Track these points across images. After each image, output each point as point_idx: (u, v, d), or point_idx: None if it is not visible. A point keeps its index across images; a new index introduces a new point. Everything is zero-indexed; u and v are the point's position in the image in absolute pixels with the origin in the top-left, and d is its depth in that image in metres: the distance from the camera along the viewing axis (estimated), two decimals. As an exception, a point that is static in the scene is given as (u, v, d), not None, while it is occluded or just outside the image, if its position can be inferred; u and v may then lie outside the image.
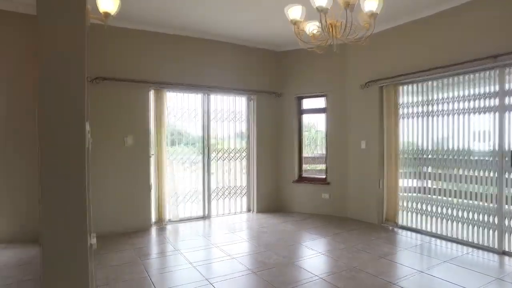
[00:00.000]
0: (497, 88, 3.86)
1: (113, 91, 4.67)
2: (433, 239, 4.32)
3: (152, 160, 5.01)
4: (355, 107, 5.44)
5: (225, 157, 5.77)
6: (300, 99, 6.09)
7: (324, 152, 5.94)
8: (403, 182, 4.88)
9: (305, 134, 6.18)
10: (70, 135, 1.97)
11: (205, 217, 5.52)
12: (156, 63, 4.99)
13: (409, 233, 4.61)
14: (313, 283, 3.00)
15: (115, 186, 4.69)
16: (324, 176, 5.85)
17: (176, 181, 5.17)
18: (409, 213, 4.79)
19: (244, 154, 5.98)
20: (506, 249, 3.78)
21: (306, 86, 5.91)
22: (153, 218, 5.04)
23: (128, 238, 4.38)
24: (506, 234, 3.79)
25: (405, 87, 4.83)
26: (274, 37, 5.52)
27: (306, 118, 6.19)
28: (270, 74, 6.03)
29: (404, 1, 4.14)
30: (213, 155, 5.63)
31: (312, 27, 2.86)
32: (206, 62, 5.37)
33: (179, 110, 5.31)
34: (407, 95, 4.82)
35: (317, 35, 2.85)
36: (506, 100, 3.79)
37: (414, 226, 4.71)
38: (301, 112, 6.11)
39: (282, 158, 6.15)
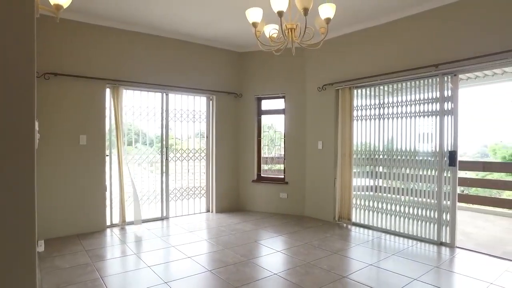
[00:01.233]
0: (438, 94, 4.21)
1: (66, 88, 4.44)
2: (383, 234, 4.60)
3: (108, 160, 4.83)
4: (312, 108, 5.64)
5: (184, 157, 5.70)
6: (259, 99, 6.18)
7: (282, 152, 6.08)
8: (356, 181, 5.13)
9: (264, 134, 6.29)
10: (17, 134, 1.86)
11: (163, 218, 5.42)
12: (114, 60, 4.82)
13: (361, 229, 4.86)
14: (269, 280, 3.07)
15: (68, 187, 4.47)
16: (282, 176, 5.99)
17: (134, 181, 5.02)
18: (362, 211, 5.06)
19: (203, 154, 5.95)
20: (443, 240, 4.14)
21: (265, 87, 6.01)
22: (109, 219, 4.87)
23: (81, 241, 4.19)
24: (443, 227, 4.15)
25: (359, 91, 5.09)
26: (235, 38, 5.56)
27: (266, 119, 6.29)
28: (231, 75, 6.06)
29: (360, 9, 4.37)
30: (171, 155, 5.55)
31: (271, 30, 2.94)
32: (166, 60, 5.28)
33: (138, 109, 5.17)
34: (361, 98, 5.08)
35: (275, 37, 2.94)
36: (445, 105, 4.15)
37: (366, 222, 4.98)
38: (260, 112, 6.21)
39: (241, 158, 6.21)
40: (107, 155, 4.80)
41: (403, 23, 4.46)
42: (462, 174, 6.76)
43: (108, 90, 4.81)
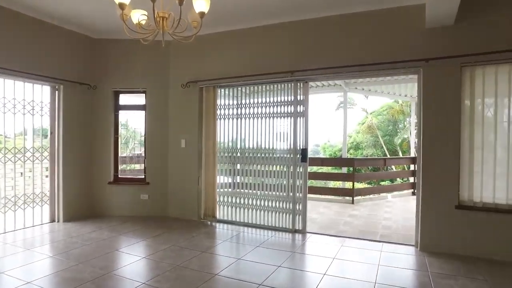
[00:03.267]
0: (292, 98, 4.73)
1: None
2: (246, 228, 4.86)
3: None
4: (176, 105, 5.47)
5: (17, 158, 4.60)
6: (117, 93, 5.60)
7: (143, 151, 5.69)
8: (219, 179, 5.26)
9: (122, 132, 5.75)
10: None
11: (-14, 236, 4.25)
12: None
13: (226, 225, 5.01)
14: (137, 291, 2.80)
15: None
16: (143, 176, 5.60)
17: None
18: (225, 207, 5.22)
19: (46, 154, 4.96)
20: (297, 228, 4.68)
21: (125, 81, 5.48)
22: None
23: None
24: (297, 216, 4.70)
25: (223, 90, 5.22)
26: (91, 21, 4.80)
27: (124, 115, 5.76)
28: (83, 63, 5.27)
29: (227, 11, 4.44)
30: (-1, 155, 4.41)
31: (140, 16, 2.66)
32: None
33: None
34: (224, 98, 5.23)
35: (144, 24, 2.68)
36: (298, 108, 4.70)
37: (230, 218, 5.15)
38: (118, 108, 5.63)
39: (95, 158, 5.48)
40: None
41: (266, 30, 4.80)
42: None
43: None
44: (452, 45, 3.77)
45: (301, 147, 4.67)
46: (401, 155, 13.98)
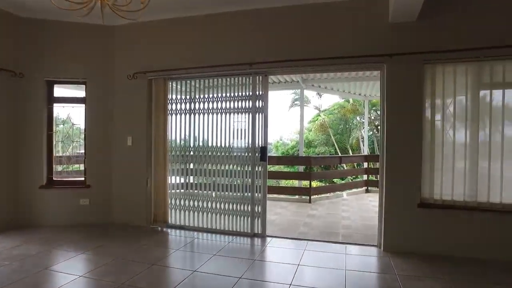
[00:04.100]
0: (251, 92, 4.41)
1: None
2: (201, 233, 4.44)
3: None
4: (121, 99, 4.91)
5: None
6: (51, 83, 4.87)
7: (82, 150, 5.04)
8: (171, 180, 4.79)
9: (57, 128, 5.06)
10: None
11: None
12: None
13: (178, 231, 4.56)
14: (69, 320, 2.29)
15: None
16: (82, 179, 4.94)
17: None
18: (178, 211, 4.77)
19: (-45, 153, 4.13)
20: (256, 231, 4.38)
21: (60, 69, 4.78)
22: None
23: None
24: (256, 219, 4.39)
25: (174, 83, 4.76)
26: None
27: (60, 109, 5.04)
28: (5, 46, 4.47)
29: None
30: None
31: (70, -19, 2.15)
32: None
33: None
34: (176, 92, 4.79)
35: (77, -6, 2.18)
36: (257, 103, 4.40)
37: (183, 223, 4.71)
38: (52, 100, 4.90)
39: (24, 158, 4.71)
40: None
41: (224, 18, 4.42)
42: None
43: None
44: (415, 41, 3.71)
45: (260, 145, 4.37)
46: (351, 153, 14.35)
